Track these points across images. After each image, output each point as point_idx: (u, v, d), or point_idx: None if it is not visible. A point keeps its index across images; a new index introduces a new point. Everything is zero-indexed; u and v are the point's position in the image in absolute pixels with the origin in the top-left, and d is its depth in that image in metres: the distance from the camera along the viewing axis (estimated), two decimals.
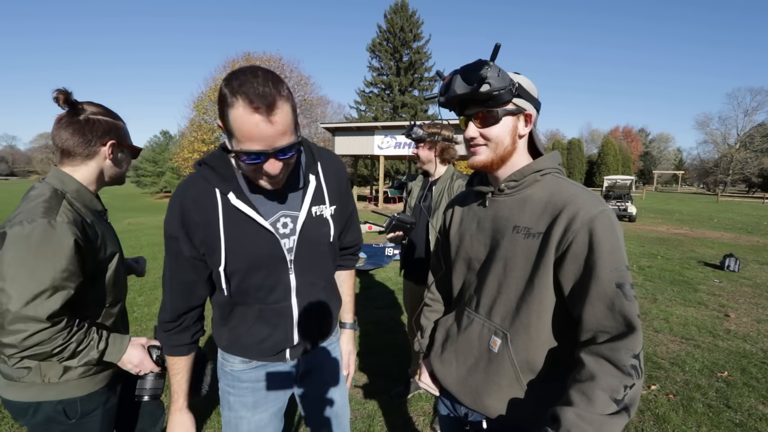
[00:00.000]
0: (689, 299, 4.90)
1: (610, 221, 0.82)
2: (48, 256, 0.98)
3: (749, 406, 2.62)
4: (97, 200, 1.22)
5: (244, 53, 24.21)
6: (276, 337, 1.12)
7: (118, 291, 1.24)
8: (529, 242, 0.88)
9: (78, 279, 1.05)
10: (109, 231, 1.24)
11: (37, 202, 1.05)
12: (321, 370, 1.27)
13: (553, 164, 0.95)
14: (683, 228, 12.19)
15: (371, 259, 6.70)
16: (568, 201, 0.85)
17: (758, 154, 51.30)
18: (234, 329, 1.12)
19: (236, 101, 0.82)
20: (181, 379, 1.12)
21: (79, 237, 1.04)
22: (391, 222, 2.30)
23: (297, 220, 1.07)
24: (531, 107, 0.93)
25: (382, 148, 17.68)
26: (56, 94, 1.08)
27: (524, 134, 0.94)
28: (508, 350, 0.92)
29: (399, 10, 32.66)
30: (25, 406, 1.13)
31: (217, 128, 23.93)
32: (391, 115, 32.96)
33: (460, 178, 2.34)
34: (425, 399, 2.66)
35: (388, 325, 3.94)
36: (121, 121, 1.24)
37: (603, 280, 0.79)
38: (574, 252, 0.82)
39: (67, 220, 1.04)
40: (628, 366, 0.75)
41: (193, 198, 0.99)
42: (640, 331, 0.78)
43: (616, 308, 0.79)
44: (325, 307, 1.21)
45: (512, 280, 0.91)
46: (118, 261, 1.22)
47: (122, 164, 1.27)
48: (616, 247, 0.81)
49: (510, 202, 0.95)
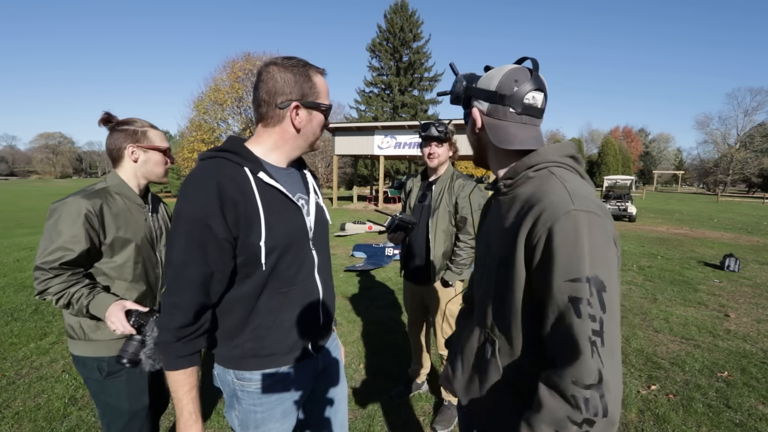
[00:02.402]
0: (689, 299, 4.90)
1: (575, 224, 0.71)
2: (62, 224, 1.29)
3: (749, 406, 2.62)
4: (136, 194, 1.47)
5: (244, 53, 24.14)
6: (303, 324, 1.12)
7: (141, 272, 1.46)
8: (508, 245, 0.82)
9: (83, 246, 1.30)
10: (137, 221, 1.46)
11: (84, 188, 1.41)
12: (330, 369, 1.28)
13: (552, 157, 0.87)
14: (683, 228, 12.19)
15: (371, 259, 6.70)
16: (538, 200, 0.78)
17: (758, 154, 51.30)
18: (259, 327, 1.05)
19: (309, 69, 1.05)
20: (196, 395, 1.00)
21: (92, 214, 1.31)
22: (393, 222, 2.30)
23: (310, 202, 1.17)
24: (481, 102, 0.94)
25: (382, 148, 17.67)
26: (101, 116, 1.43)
27: (478, 130, 0.95)
28: (495, 359, 0.89)
29: (399, 10, 32.65)
30: (75, 360, 1.43)
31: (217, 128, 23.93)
32: (391, 115, 32.96)
33: (460, 177, 2.34)
34: (425, 399, 2.66)
35: (388, 325, 3.94)
36: (142, 127, 1.46)
37: (554, 291, 0.71)
38: (536, 257, 0.75)
39: (87, 202, 1.32)
40: (578, 398, 0.65)
41: (229, 176, 0.98)
42: (590, 357, 0.66)
43: (564, 326, 0.69)
44: (333, 291, 1.27)
45: (495, 285, 0.88)
46: (137, 247, 1.43)
47: (147, 164, 1.47)
48: (576, 254, 0.69)
49: (505, 202, 0.91)
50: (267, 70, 1.03)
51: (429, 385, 2.78)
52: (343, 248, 7.86)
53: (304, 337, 1.13)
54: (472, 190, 2.28)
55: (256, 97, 1.05)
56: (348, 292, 4.97)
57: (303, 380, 1.16)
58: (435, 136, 2.23)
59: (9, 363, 3.06)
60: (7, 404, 2.50)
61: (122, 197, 1.43)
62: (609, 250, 0.72)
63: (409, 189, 2.57)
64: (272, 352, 1.08)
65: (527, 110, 0.89)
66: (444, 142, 2.27)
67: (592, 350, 0.66)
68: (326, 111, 1.11)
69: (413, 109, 32.87)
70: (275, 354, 1.09)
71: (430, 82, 34.37)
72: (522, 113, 0.89)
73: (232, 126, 24.77)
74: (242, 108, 24.02)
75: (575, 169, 0.89)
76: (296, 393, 1.15)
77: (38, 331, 3.68)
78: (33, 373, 2.89)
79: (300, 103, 1.04)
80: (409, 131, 17.14)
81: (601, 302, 0.68)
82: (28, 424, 2.30)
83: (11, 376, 2.86)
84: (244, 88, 23.24)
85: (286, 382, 1.12)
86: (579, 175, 0.88)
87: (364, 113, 33.55)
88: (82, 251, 1.30)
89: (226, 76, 23.76)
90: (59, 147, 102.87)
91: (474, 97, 0.94)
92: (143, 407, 1.47)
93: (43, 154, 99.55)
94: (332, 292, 1.26)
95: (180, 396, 0.97)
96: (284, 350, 1.10)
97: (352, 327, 3.87)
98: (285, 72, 1.02)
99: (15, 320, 3.92)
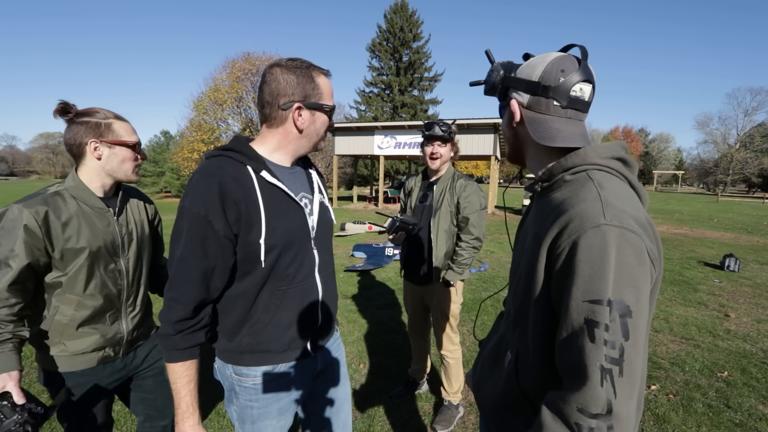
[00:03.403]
0: (689, 299, 4.90)
1: (603, 240, 0.64)
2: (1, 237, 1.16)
3: (749, 406, 2.62)
4: (95, 197, 1.30)
5: (244, 53, 24.14)
6: (301, 322, 1.12)
7: (98, 284, 1.30)
8: (535, 254, 0.77)
9: (23, 261, 1.16)
10: (95, 227, 1.29)
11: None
12: (333, 368, 1.29)
13: (593, 159, 0.77)
14: (683, 228, 12.18)
15: (371, 259, 6.70)
16: (568, 208, 0.72)
17: (758, 154, 51.27)
18: (257, 323, 1.07)
19: (312, 70, 1.06)
20: (194, 388, 1.02)
21: (34, 224, 1.17)
22: (394, 223, 2.30)
23: (313, 202, 1.18)
24: (520, 93, 0.85)
25: (382, 148, 17.66)
26: (56, 107, 1.24)
27: (516, 124, 0.87)
28: (513, 368, 0.85)
29: (399, 10, 32.66)
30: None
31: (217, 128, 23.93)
32: (391, 115, 32.97)
33: (461, 177, 2.34)
34: (425, 399, 2.66)
35: (388, 325, 3.94)
36: (105, 119, 1.28)
37: (571, 310, 0.65)
38: (557, 270, 0.70)
39: (30, 210, 1.17)
40: (583, 427, 0.61)
41: (231, 174, 1.00)
42: (599, 385, 0.61)
43: (575, 348, 0.64)
44: (335, 290, 1.28)
45: (521, 294, 0.83)
46: (91, 256, 1.28)
47: (112, 161, 1.30)
48: (599, 274, 0.63)
49: (541, 206, 0.85)
50: (270, 72, 1.04)
51: (429, 385, 2.78)
52: (343, 248, 7.86)
53: (302, 336, 1.13)
54: (473, 191, 2.28)
55: (260, 98, 1.06)
56: (348, 292, 4.97)
57: (300, 379, 1.17)
58: (438, 136, 2.22)
59: None
60: None
61: (78, 201, 1.27)
62: (641, 271, 0.64)
63: (410, 189, 2.56)
64: (269, 349, 1.10)
65: (573, 103, 0.80)
66: (447, 142, 2.27)
67: (602, 379, 0.61)
68: (329, 112, 1.11)
69: (413, 109, 32.88)
70: (271, 351, 1.10)
71: (430, 82, 34.39)
72: (567, 107, 0.80)
73: (232, 126, 24.79)
74: (242, 108, 24.04)
75: (622, 175, 0.78)
76: (293, 391, 1.16)
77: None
78: (33, 373, 2.88)
79: (302, 104, 1.05)
80: (409, 131, 17.13)
81: (624, 328, 0.62)
82: None
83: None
84: (244, 88, 23.26)
85: (282, 379, 1.13)
86: (627, 181, 0.78)
87: (364, 113, 33.57)
88: (22, 267, 1.15)
89: (225, 76, 23.78)
90: (59, 147, 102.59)
91: (512, 88, 0.86)
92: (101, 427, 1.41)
93: (43, 154, 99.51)
94: (334, 292, 1.26)
95: (178, 388, 1.00)
96: (280, 348, 1.11)
97: (352, 327, 3.87)
98: (288, 73, 1.03)
99: None
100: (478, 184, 2.37)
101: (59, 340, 1.28)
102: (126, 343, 1.41)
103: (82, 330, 1.29)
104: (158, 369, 1.53)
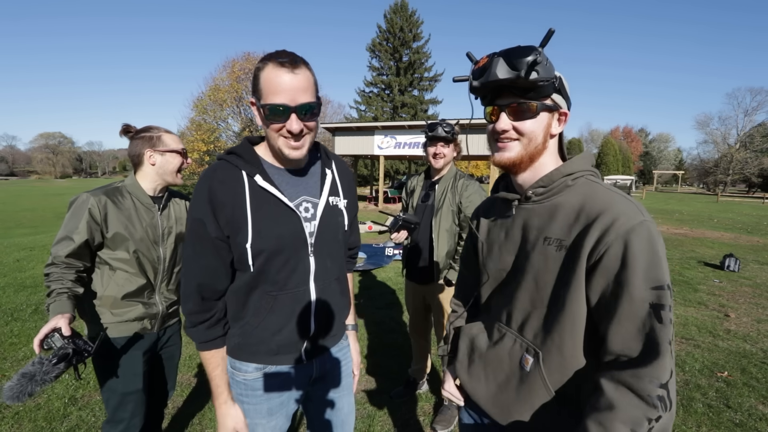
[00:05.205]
0: (689, 299, 4.90)
1: (649, 233, 0.75)
2: (70, 216, 1.45)
3: (749, 406, 2.62)
4: (146, 195, 1.58)
5: (244, 53, 24.13)
6: (291, 329, 1.11)
7: (140, 267, 1.55)
8: (562, 255, 0.82)
9: (83, 237, 1.42)
10: (143, 220, 1.55)
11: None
12: (333, 376, 1.26)
13: (586, 166, 0.87)
14: (683, 228, 12.18)
15: (371, 259, 6.70)
16: (604, 209, 0.78)
17: (758, 154, 51.26)
18: (247, 324, 1.09)
19: (266, 64, 0.95)
20: (222, 372, 1.11)
21: (96, 209, 1.45)
22: (396, 222, 2.30)
23: (317, 207, 1.13)
24: (566, 106, 0.88)
25: (382, 148, 17.66)
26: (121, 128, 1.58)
27: (556, 134, 0.89)
28: (539, 370, 0.86)
29: (399, 10, 32.63)
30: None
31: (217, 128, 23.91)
32: (391, 115, 32.94)
33: (463, 177, 2.34)
34: (425, 399, 2.66)
35: (388, 325, 3.94)
36: (157, 132, 1.57)
37: (636, 299, 0.72)
38: (605, 266, 0.76)
39: (95, 198, 1.46)
40: (654, 396, 0.68)
41: (220, 179, 1.03)
42: (668, 357, 0.70)
43: (645, 331, 0.72)
44: (338, 299, 1.22)
45: (545, 295, 0.85)
46: (135, 243, 1.52)
47: (164, 166, 1.58)
48: (655, 263, 0.74)
49: (539, 210, 0.88)
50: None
51: (429, 385, 2.78)
52: None
53: (292, 343, 1.13)
54: (475, 190, 2.28)
55: None
56: None
57: (292, 383, 1.17)
58: (442, 137, 2.22)
59: (9, 363, 3.05)
60: (6, 404, 2.50)
61: (133, 197, 1.56)
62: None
63: (412, 188, 2.57)
64: (257, 351, 1.11)
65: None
66: (450, 143, 2.27)
67: (671, 352, 0.71)
68: (270, 109, 0.96)
69: (413, 109, 32.85)
70: (259, 353, 1.12)
71: (430, 82, 34.36)
72: None
73: (232, 126, 24.78)
74: (242, 108, 24.01)
75: (600, 177, 0.91)
76: (283, 394, 1.16)
77: (38, 331, 3.67)
78: None
79: (256, 105, 1.00)
80: (409, 131, 17.12)
81: (671, 307, 0.73)
82: (28, 424, 2.31)
83: (11, 376, 2.86)
84: (244, 87, 23.23)
85: (273, 380, 1.14)
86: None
87: (364, 113, 33.53)
88: (82, 242, 1.42)
89: (226, 75, 23.77)
90: (59, 147, 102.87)
91: (563, 96, 0.86)
92: (135, 390, 1.56)
93: (43, 154, 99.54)
94: (338, 300, 1.22)
95: (209, 371, 1.11)
96: (269, 351, 1.12)
97: None
98: (255, 71, 1.00)
99: (15, 320, 3.91)
100: (480, 184, 2.37)
101: (108, 310, 1.53)
102: (160, 319, 1.63)
103: (125, 302, 1.54)
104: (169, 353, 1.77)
